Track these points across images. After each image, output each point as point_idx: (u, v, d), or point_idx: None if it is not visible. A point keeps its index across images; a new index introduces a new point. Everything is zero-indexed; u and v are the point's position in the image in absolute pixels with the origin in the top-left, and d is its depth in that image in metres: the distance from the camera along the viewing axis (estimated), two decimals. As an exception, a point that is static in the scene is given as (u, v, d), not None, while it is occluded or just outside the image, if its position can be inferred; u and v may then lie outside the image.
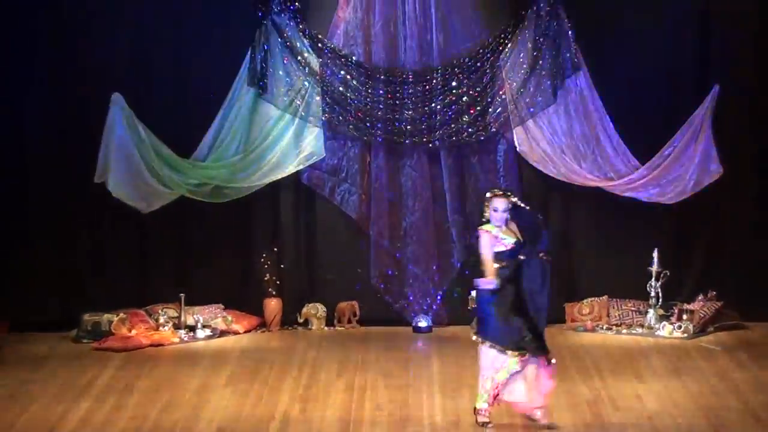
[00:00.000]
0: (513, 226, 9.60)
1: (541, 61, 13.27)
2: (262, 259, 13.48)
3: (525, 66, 13.29)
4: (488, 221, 9.57)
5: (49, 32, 13.18)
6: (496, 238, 9.52)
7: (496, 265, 9.52)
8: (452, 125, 13.35)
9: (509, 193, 9.65)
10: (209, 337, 13.09)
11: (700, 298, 13.19)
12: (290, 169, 13.38)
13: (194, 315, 13.22)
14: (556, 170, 13.32)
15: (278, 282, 13.49)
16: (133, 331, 12.90)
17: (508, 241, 9.52)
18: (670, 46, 13.39)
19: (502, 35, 13.32)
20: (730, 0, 13.28)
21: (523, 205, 9.65)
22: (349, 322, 13.56)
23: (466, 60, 13.30)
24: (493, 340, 9.59)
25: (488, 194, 9.60)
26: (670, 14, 13.38)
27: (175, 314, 13.21)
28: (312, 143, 13.39)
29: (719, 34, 13.32)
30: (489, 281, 9.57)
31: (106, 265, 13.49)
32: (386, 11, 13.31)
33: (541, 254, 9.55)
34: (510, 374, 9.62)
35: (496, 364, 9.62)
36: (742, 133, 13.28)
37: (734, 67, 13.28)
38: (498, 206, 9.52)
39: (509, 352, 9.57)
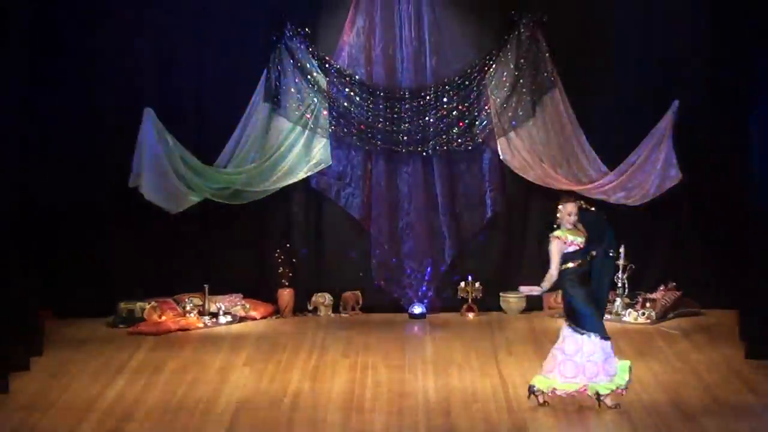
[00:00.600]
0: (580, 226, 9.71)
1: (521, 80, 13.25)
2: (276, 254, 13.45)
3: (508, 84, 13.27)
4: (558, 226, 9.64)
5: (89, 51, 13.12)
6: (566, 242, 9.58)
7: (571, 264, 9.57)
8: (443, 136, 13.32)
9: (577, 199, 9.85)
10: (230, 323, 13.06)
11: (661, 288, 13.17)
12: (301, 175, 13.36)
13: (216, 303, 13.19)
14: (535, 176, 13.31)
15: (290, 274, 13.45)
16: (163, 318, 12.89)
17: (579, 241, 9.60)
18: (635, 67, 13.34)
19: (488, 57, 13.29)
20: (685, 27, 13.23)
21: (587, 206, 9.82)
22: (353, 309, 13.53)
23: (456, 79, 13.28)
24: (593, 330, 9.61)
25: (562, 201, 9.68)
26: (635, 35, 13.33)
27: (200, 302, 13.18)
28: (320, 152, 13.36)
29: (678, 56, 13.28)
30: (533, 289, 9.68)
31: (140, 259, 13.44)
32: (385, 36, 13.27)
33: (609, 251, 9.69)
34: (603, 358, 9.63)
35: (585, 349, 9.64)
36: (699, 143, 13.21)
37: (691, 85, 13.24)
38: (572, 211, 9.61)
39: (603, 339, 9.62)
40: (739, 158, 11.78)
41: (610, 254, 9.77)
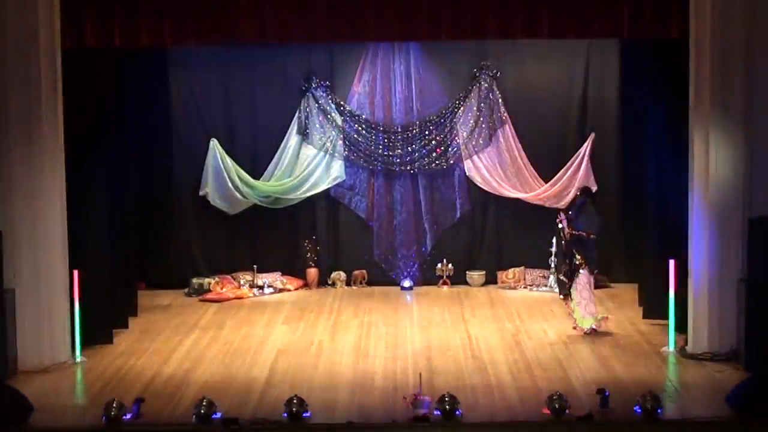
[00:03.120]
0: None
1: (481, 118, 13.15)
2: (305, 243, 13.33)
3: (471, 121, 13.17)
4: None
5: (167, 98, 13.09)
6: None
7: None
8: (426, 159, 13.23)
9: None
10: (272, 293, 12.97)
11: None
12: (323, 187, 13.27)
13: (262, 279, 13.12)
14: (491, 187, 13.24)
15: (315, 257, 13.34)
16: (224, 289, 12.83)
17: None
18: (564, 104, 13.21)
19: (457, 102, 13.20)
20: (601, 74, 13.07)
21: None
22: (361, 283, 13.41)
23: (434, 117, 13.19)
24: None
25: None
26: (563, 84, 13.20)
27: (250, 278, 13.10)
28: (337, 170, 13.27)
29: (594, 97, 13.14)
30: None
31: (207, 246, 13.37)
32: (383, 87, 13.16)
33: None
34: None
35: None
36: (609, 162, 13.13)
37: (604, 119, 13.12)
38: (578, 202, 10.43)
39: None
40: (640, 174, 11.68)
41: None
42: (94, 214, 10.33)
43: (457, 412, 8.01)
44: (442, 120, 13.25)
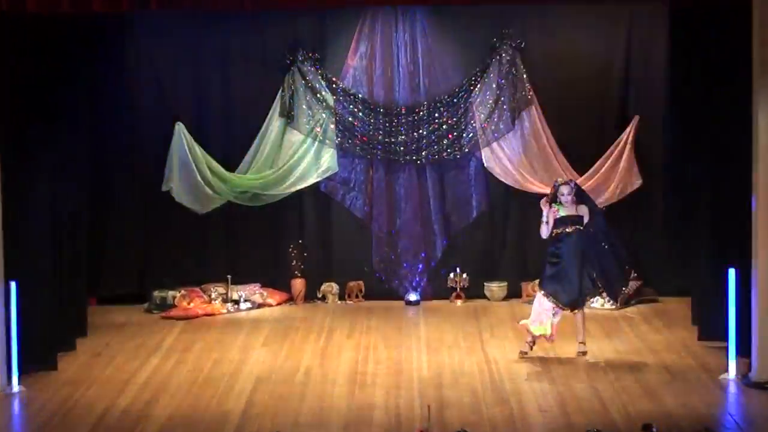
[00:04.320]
0: (572, 206, 10.42)
1: (502, 98, 13.19)
2: (290, 248, 13.39)
3: (490, 101, 13.21)
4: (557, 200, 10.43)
5: (128, 74, 13.14)
6: (555, 211, 10.38)
7: (555, 231, 10.40)
8: (435, 147, 13.27)
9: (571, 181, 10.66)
10: (249, 309, 13.01)
11: (624, 278, 13.15)
12: (311, 180, 13.31)
13: (238, 291, 13.16)
14: (514, 181, 13.27)
15: (302, 266, 13.39)
16: (191, 304, 12.87)
17: (562, 214, 10.37)
18: (602, 84, 13.27)
19: (473, 78, 13.24)
20: (645, 49, 13.15)
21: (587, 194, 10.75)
22: (357, 297, 13.46)
23: (446, 97, 13.23)
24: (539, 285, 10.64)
25: (560, 183, 10.56)
26: (601, 59, 13.26)
27: (223, 291, 13.15)
28: (328, 161, 13.31)
29: (638, 76, 13.20)
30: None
31: (171, 253, 13.42)
32: (384, 60, 13.20)
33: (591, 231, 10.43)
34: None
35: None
36: (656, 152, 13.16)
37: (650, 102, 13.17)
38: (564, 191, 10.40)
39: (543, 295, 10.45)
40: (690, 165, 11.72)
41: (591, 235, 10.42)
42: (34, 214, 10.32)
43: (474, 453, 8.00)
44: (455, 100, 13.27)
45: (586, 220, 10.49)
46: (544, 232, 10.49)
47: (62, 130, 10.84)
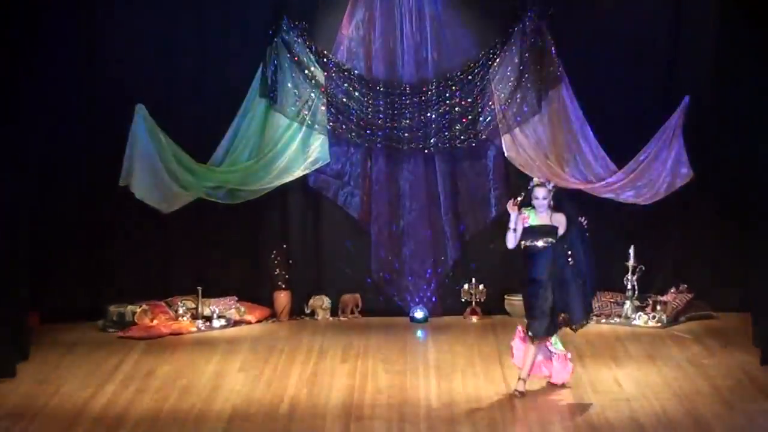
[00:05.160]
0: (548, 214, 10.09)
1: (526, 75, 13.21)
2: (273, 255, 13.42)
3: (512, 79, 13.23)
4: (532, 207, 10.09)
5: (78, 45, 13.11)
6: (524, 217, 10.03)
7: (523, 243, 10.08)
8: (446, 133, 13.30)
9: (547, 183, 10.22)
10: (224, 327, 13.03)
11: (672, 290, 13.18)
12: (298, 173, 13.33)
13: (210, 306, 13.17)
14: (540, 174, 13.20)
15: (287, 276, 13.43)
16: (155, 321, 12.87)
17: (532, 222, 10.01)
18: (644, 61, 13.32)
19: (491, 51, 13.28)
20: (695, 21, 13.22)
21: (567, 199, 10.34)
22: (352, 313, 13.50)
23: (458, 73, 13.27)
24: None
25: (535, 184, 10.17)
26: (643, 31, 13.32)
27: (193, 305, 13.16)
28: (318, 149, 13.33)
29: (687, 51, 13.26)
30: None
31: (130, 260, 13.44)
32: (385, 29, 13.25)
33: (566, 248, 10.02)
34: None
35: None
36: (710, 140, 13.21)
37: (702, 80, 13.22)
38: (539, 194, 10.04)
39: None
40: (751, 156, 11.75)
41: (567, 254, 10.04)
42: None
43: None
44: (470, 77, 13.30)
45: (561, 232, 10.11)
46: (510, 241, 10.14)
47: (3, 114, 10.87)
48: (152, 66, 13.29)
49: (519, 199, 10.09)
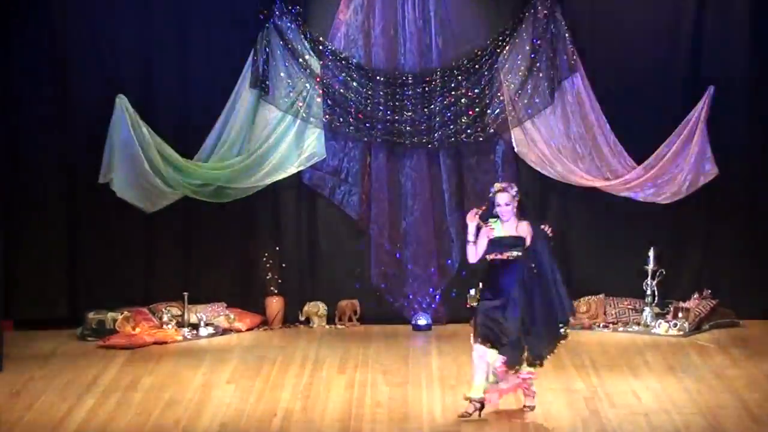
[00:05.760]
0: (513, 224, 9.80)
1: (538, 63, 13.25)
2: (264, 258, 13.44)
3: (522, 68, 13.27)
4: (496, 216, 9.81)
5: (55, 32, 13.15)
6: (489, 228, 9.75)
7: (486, 257, 9.77)
8: (451, 126, 13.33)
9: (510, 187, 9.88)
10: (212, 335, 13.04)
11: (695, 296, 13.13)
12: (292, 169, 13.36)
13: (197, 313, 13.18)
14: (553, 171, 13.29)
15: (280, 281, 13.46)
16: (137, 329, 12.85)
17: (494, 234, 9.73)
18: (666, 48, 13.36)
19: (500, 38, 13.29)
20: (722, 2, 13.24)
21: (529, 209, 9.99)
22: (350, 320, 13.51)
23: (465, 62, 13.28)
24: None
25: (492, 189, 9.86)
26: (665, 17, 13.36)
27: (179, 312, 13.17)
28: (313, 144, 13.36)
29: (713, 37, 13.28)
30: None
31: (110, 264, 13.45)
32: (386, 14, 13.29)
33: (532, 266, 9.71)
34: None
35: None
36: (737, 134, 13.24)
37: (728, 69, 13.25)
38: (501, 201, 9.76)
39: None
40: None
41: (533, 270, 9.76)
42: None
43: None
44: (477, 66, 13.31)
45: (528, 242, 9.86)
46: (471, 255, 9.92)
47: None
48: (135, 54, 13.31)
49: (483, 209, 9.89)
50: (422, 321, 13.37)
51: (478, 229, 9.85)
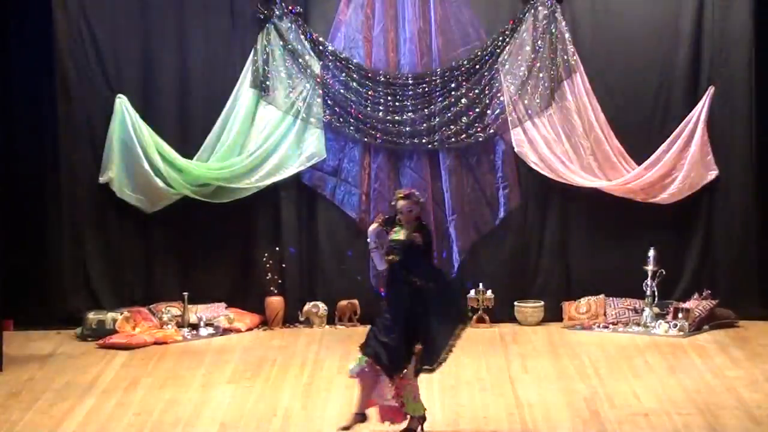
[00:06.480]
0: (409, 230, 9.39)
1: (538, 64, 13.26)
2: (264, 258, 13.42)
3: (523, 68, 13.27)
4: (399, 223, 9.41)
5: (54, 32, 13.14)
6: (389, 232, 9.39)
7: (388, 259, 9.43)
8: (451, 127, 13.33)
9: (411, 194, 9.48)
10: (212, 335, 13.05)
11: (695, 296, 13.13)
12: (292, 170, 13.37)
13: (197, 313, 13.19)
14: (553, 171, 13.29)
15: (280, 281, 13.45)
16: (137, 329, 12.87)
17: (391, 237, 9.38)
18: (666, 48, 13.35)
19: (501, 38, 13.30)
20: (722, 4, 13.24)
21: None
22: (350, 320, 13.50)
23: (465, 63, 13.29)
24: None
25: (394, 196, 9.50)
26: (665, 17, 13.36)
27: (179, 312, 13.17)
28: (313, 144, 13.37)
29: (713, 37, 13.28)
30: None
31: (110, 263, 13.46)
32: (386, 14, 13.29)
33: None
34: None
35: None
36: (737, 134, 13.24)
37: (728, 68, 13.25)
38: (402, 207, 9.35)
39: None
40: None
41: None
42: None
43: None
44: (477, 66, 13.33)
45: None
46: (378, 262, 9.52)
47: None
48: (135, 54, 13.32)
49: (386, 216, 9.57)
50: (422, 321, 13.33)
51: (385, 235, 9.50)
